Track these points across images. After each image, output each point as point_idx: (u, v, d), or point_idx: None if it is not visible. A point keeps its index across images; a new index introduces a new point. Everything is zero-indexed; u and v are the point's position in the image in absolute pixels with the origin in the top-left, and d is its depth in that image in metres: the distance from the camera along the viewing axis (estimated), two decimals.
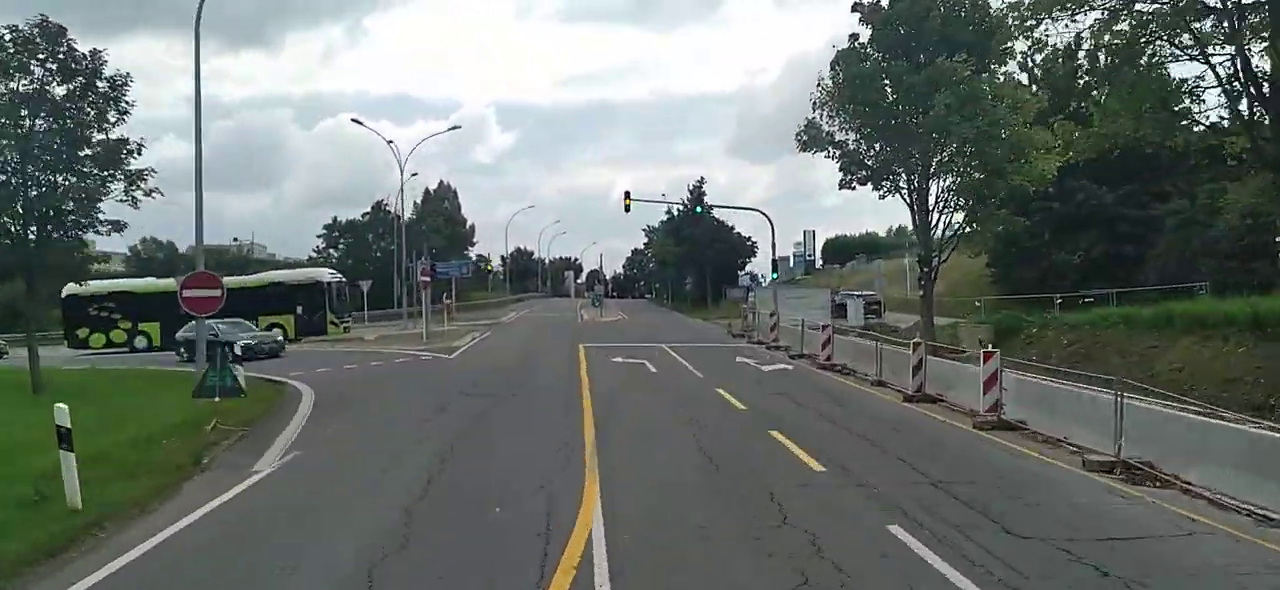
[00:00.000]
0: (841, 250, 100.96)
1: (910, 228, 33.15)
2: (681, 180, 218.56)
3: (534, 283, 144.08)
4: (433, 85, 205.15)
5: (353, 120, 55.81)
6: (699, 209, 44.95)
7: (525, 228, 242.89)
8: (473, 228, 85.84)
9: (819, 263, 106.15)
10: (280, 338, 33.63)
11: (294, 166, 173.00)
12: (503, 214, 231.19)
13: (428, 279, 38.25)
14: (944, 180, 29.68)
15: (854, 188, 30.93)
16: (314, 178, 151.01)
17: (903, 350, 23.11)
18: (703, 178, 70.16)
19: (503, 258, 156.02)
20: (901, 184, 29.79)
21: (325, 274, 46.01)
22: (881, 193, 30.68)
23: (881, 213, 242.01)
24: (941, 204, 29.63)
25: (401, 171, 54.22)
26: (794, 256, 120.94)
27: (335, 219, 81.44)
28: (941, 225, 30.40)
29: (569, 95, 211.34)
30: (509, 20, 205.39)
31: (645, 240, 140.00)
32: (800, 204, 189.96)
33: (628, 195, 42.60)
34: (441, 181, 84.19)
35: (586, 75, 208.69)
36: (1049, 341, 28.13)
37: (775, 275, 43.01)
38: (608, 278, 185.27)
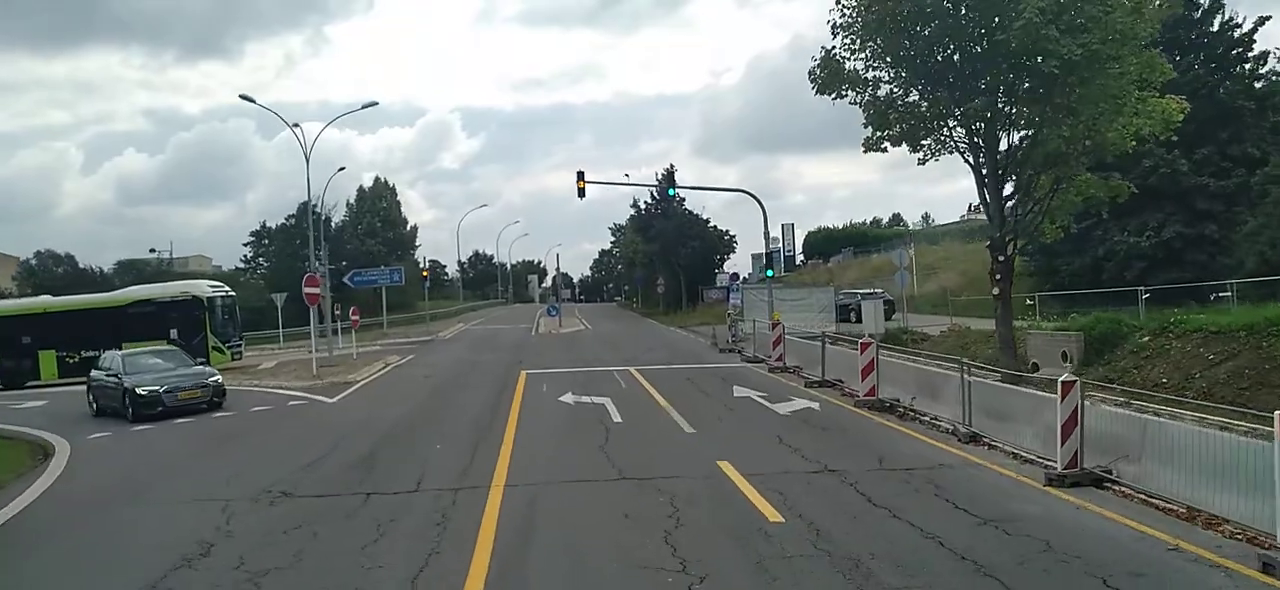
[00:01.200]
0: (825, 244, 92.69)
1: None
2: (648, 181, 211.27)
3: (495, 288, 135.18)
4: (396, 92, 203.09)
5: (242, 97, 46.32)
6: (672, 191, 36.71)
7: (487, 230, 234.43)
8: (415, 230, 77.18)
9: (800, 259, 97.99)
10: (217, 378, 22.99)
11: (256, 177, 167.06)
12: (470, 220, 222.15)
13: (315, 291, 29.14)
14: (1017, 133, 21.22)
15: (884, 148, 22.34)
16: (276, 188, 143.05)
17: (1011, 389, 14.63)
18: (673, 165, 60.42)
19: (460, 263, 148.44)
20: (957, 138, 21.22)
21: (204, 288, 36.86)
22: (923, 154, 22.12)
23: (856, 205, 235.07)
24: (1016, 163, 21.09)
25: (307, 160, 45.01)
26: (768, 255, 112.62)
27: (263, 225, 72.14)
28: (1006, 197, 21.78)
29: (532, 99, 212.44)
30: (470, 25, 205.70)
31: (612, 240, 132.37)
32: (767, 202, 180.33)
33: (581, 177, 33.82)
34: (378, 178, 75.21)
35: (548, 78, 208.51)
36: (1177, 356, 19.73)
37: (770, 273, 34.50)
38: (574, 282, 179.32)
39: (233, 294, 38.54)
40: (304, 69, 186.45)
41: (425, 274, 54.27)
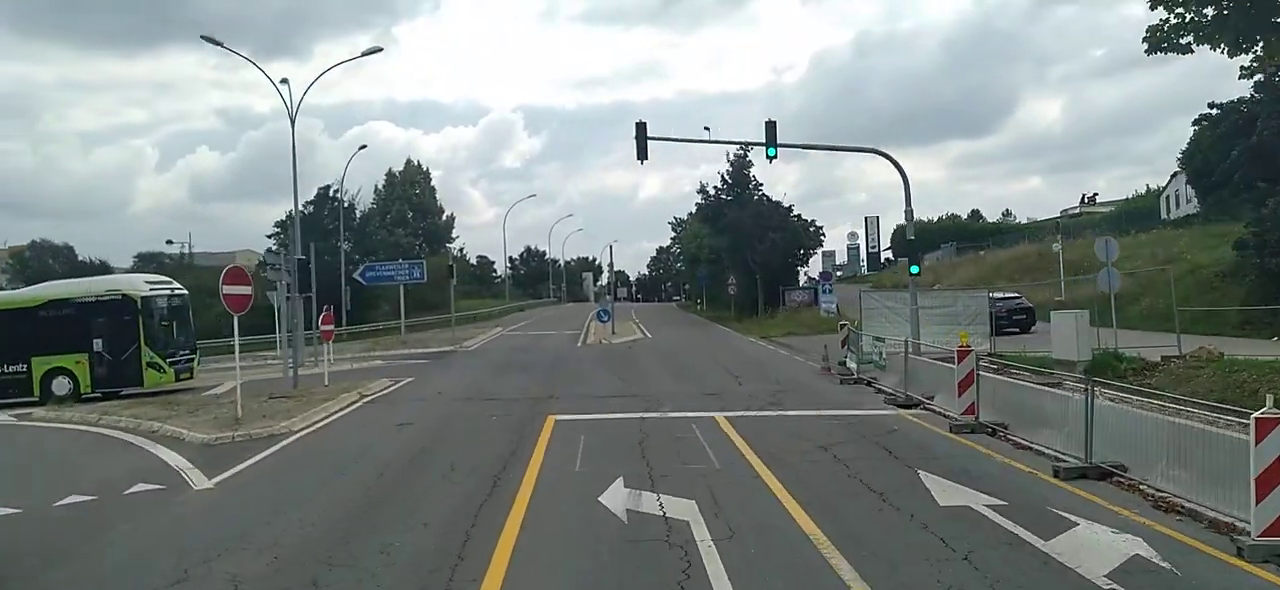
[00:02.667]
0: (918, 239, 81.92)
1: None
2: (710, 179, 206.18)
3: (547, 286, 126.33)
4: (459, 91, 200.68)
5: (204, 39, 37.26)
6: (773, 150, 25.99)
7: (542, 227, 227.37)
8: (451, 220, 67.94)
9: (886, 256, 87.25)
10: None
11: (323, 175, 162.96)
12: (527, 218, 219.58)
13: (240, 291, 19.27)
14: None
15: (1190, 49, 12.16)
16: (344, 185, 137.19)
17: None
18: (747, 147, 50.05)
19: (511, 260, 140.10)
20: None
21: (140, 284, 27.84)
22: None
23: (920, 204, 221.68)
24: None
25: (292, 121, 36.06)
26: (848, 251, 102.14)
27: (290, 214, 63.32)
28: None
29: (593, 97, 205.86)
30: (533, 24, 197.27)
31: (672, 236, 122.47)
32: (829, 201, 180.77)
33: (642, 131, 24.15)
34: (410, 161, 66.22)
35: (610, 76, 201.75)
36: None
37: (916, 270, 24.11)
38: (631, 280, 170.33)
39: (184, 292, 29.45)
40: (372, 69, 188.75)
41: (451, 267, 44.15)
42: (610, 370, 27.73)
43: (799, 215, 55.69)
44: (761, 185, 56.21)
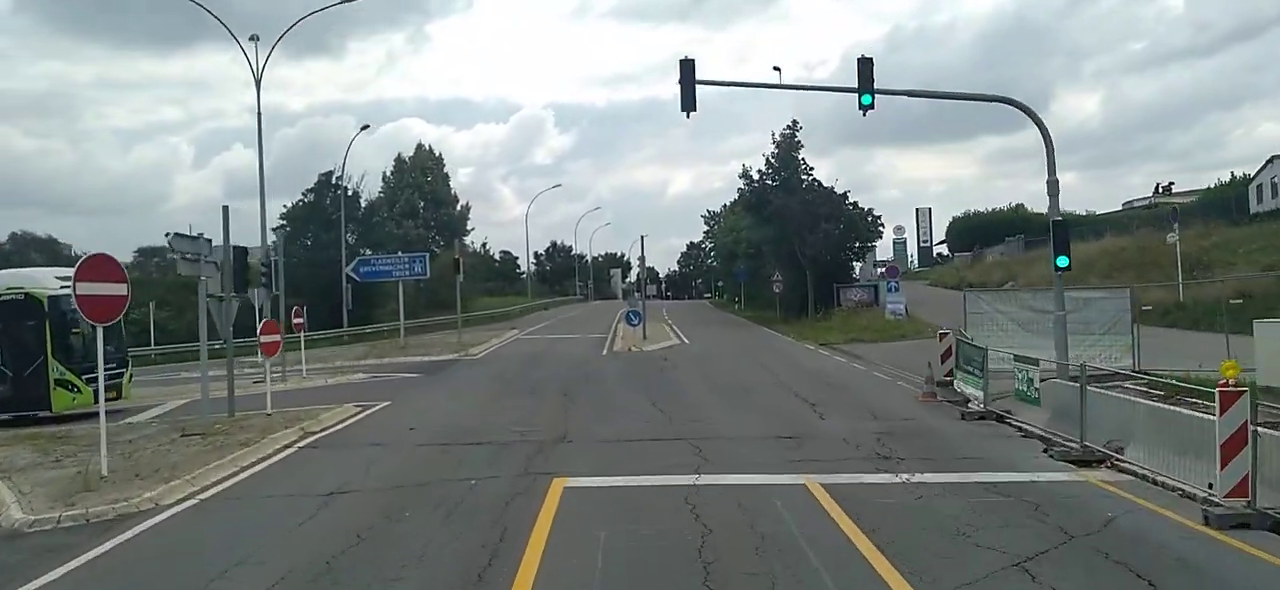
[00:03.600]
0: (974, 233, 75.21)
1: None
2: (736, 176, 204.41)
3: (573, 283, 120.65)
4: (491, 89, 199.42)
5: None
6: (867, 97, 19.75)
7: (569, 222, 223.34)
8: (467, 210, 61.95)
9: (938, 250, 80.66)
10: None
11: (356, 172, 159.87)
12: (558, 216, 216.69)
13: (103, 290, 13.51)
14: None
15: None
16: (376, 183, 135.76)
17: None
18: (796, 121, 43.78)
19: (537, 255, 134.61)
20: None
21: (47, 282, 22.01)
22: None
23: (952, 201, 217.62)
24: None
25: (257, 83, 30.48)
26: (894, 246, 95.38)
27: (301, 198, 57.70)
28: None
29: (623, 94, 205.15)
30: (565, 21, 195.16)
31: (705, 229, 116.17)
32: (860, 196, 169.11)
33: (688, 70, 18.14)
34: (421, 145, 60.39)
35: (640, 73, 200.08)
36: None
37: (1064, 262, 17.59)
38: (661, 277, 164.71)
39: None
40: (404, 66, 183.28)
41: (458, 261, 38.12)
42: (643, 391, 21.66)
43: (855, 203, 49.36)
44: (812, 169, 50.00)
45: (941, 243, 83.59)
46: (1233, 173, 64.54)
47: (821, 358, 30.38)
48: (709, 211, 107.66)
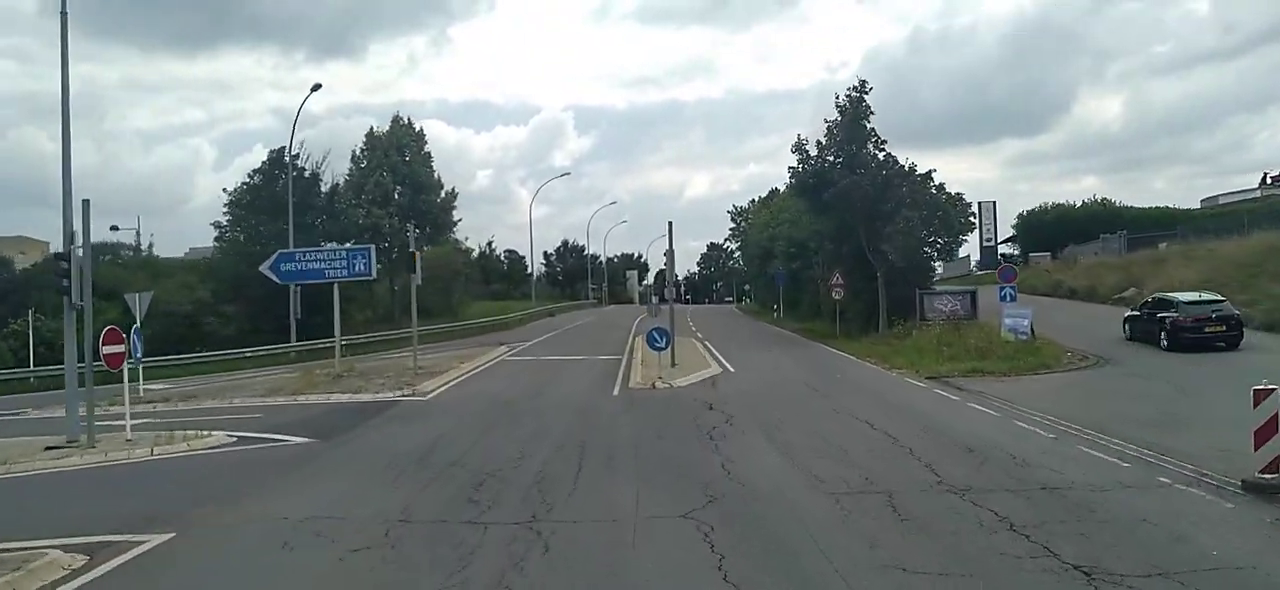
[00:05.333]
0: (1052, 231, 64.15)
1: None
2: (754, 178, 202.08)
3: (586, 286, 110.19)
4: (511, 91, 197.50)
5: None
6: None
7: (581, 221, 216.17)
8: (452, 195, 51.01)
9: (1004, 250, 69.48)
10: None
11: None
12: (575, 218, 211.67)
13: None
14: None
15: None
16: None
17: None
18: (865, 81, 32.42)
19: (546, 255, 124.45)
20: None
21: None
22: None
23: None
24: None
25: (63, 59, 20.02)
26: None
27: (246, 180, 47.12)
28: None
29: (644, 96, 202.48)
30: (585, 23, 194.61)
31: (730, 227, 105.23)
32: None
33: None
34: (398, 118, 49.52)
35: (661, 75, 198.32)
36: None
37: None
38: (680, 280, 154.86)
39: None
40: (425, 68, 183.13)
41: (414, 254, 27.29)
42: (694, 509, 10.83)
43: (941, 185, 38.39)
44: (884, 142, 39.10)
45: (1006, 241, 72.51)
46: None
47: (949, 404, 19.58)
48: (736, 208, 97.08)
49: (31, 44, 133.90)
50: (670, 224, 26.46)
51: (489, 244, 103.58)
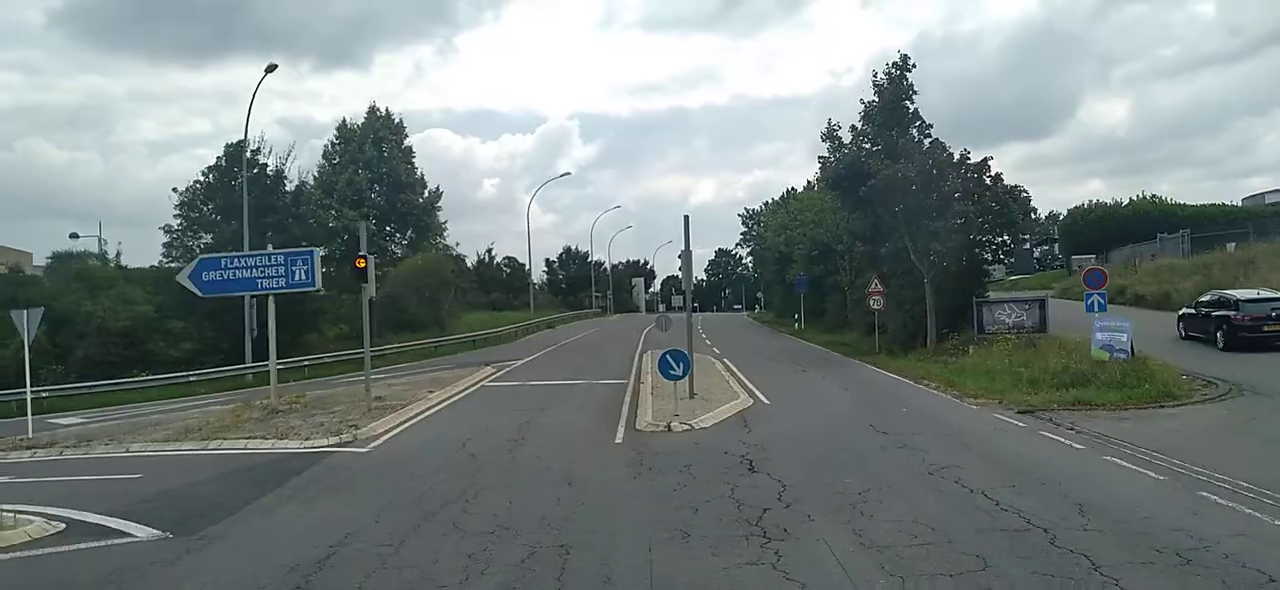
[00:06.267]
0: (1090, 231, 58.77)
1: None
2: (760, 184, 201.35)
3: (589, 295, 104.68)
4: (517, 100, 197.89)
5: None
6: None
7: (597, 236, 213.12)
8: (435, 194, 45.17)
9: (1046, 255, 63.96)
10: None
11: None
12: (581, 226, 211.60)
13: None
14: None
15: None
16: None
17: None
18: (907, 57, 26.81)
19: (549, 261, 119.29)
20: None
21: None
22: None
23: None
24: None
25: None
26: None
27: (199, 179, 41.46)
28: None
29: (649, 104, 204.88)
30: (591, 31, 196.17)
31: (742, 232, 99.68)
32: None
33: None
34: (375, 108, 43.83)
35: (666, 83, 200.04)
36: None
37: None
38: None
39: None
40: (431, 78, 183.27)
41: (361, 265, 21.55)
42: None
43: (998, 175, 32.72)
44: (930, 126, 33.65)
45: (1045, 242, 67.12)
46: None
47: (1075, 457, 14.08)
48: (747, 210, 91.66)
49: (38, 56, 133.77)
50: (686, 219, 21.00)
51: (488, 251, 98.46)
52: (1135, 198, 62.86)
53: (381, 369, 36.21)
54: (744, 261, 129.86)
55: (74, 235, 52.86)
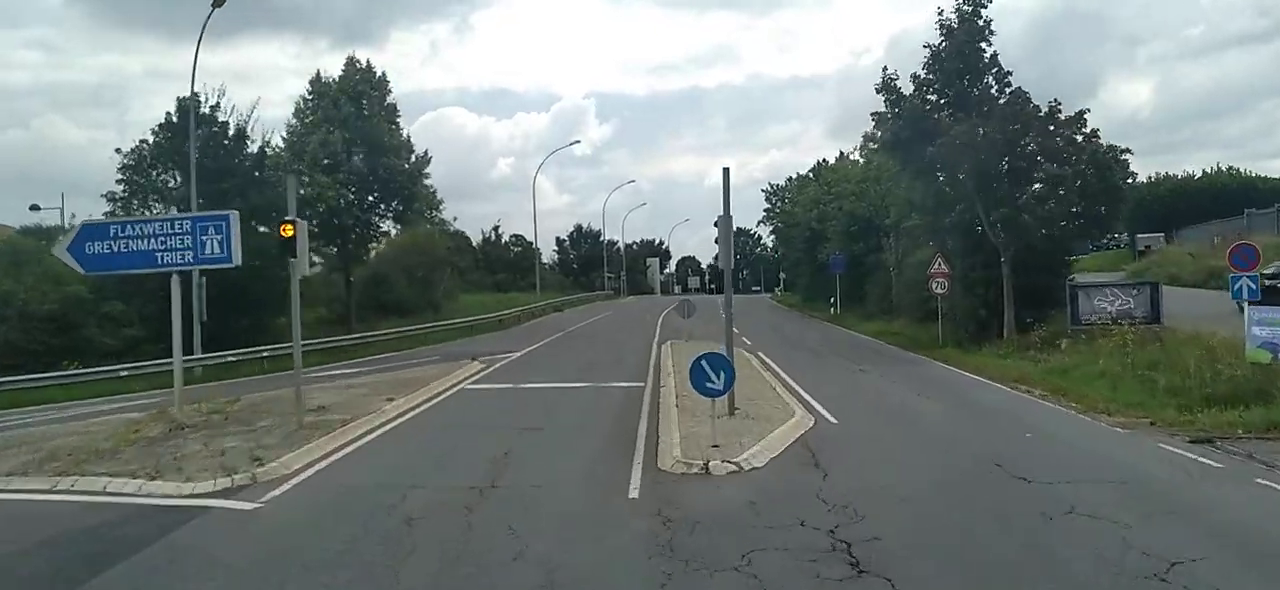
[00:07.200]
0: (1157, 205, 53.03)
1: None
2: (777, 164, 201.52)
3: (602, 276, 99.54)
4: (532, 79, 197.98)
5: None
6: None
7: (611, 214, 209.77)
8: (423, 160, 39.60)
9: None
10: None
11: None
12: (596, 206, 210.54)
13: None
14: None
15: None
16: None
17: None
18: None
19: (560, 240, 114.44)
20: None
21: None
22: None
23: None
24: None
25: None
26: None
27: (148, 140, 35.84)
28: None
29: (665, 83, 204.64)
30: (607, 9, 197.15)
31: (765, 208, 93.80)
32: None
33: None
34: (353, 61, 38.13)
35: (682, 62, 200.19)
36: None
37: None
38: (703, 267, 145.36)
39: None
40: (447, 56, 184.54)
41: (288, 232, 16.05)
42: None
43: (1094, 131, 26.88)
44: (1009, 74, 27.96)
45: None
46: None
47: None
48: (771, 185, 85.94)
49: (55, 35, 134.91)
50: (726, 171, 15.41)
51: (495, 229, 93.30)
52: (1208, 170, 56.82)
53: (353, 363, 30.99)
54: (764, 241, 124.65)
55: (35, 207, 47.03)
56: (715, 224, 16.62)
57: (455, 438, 15.06)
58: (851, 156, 55.58)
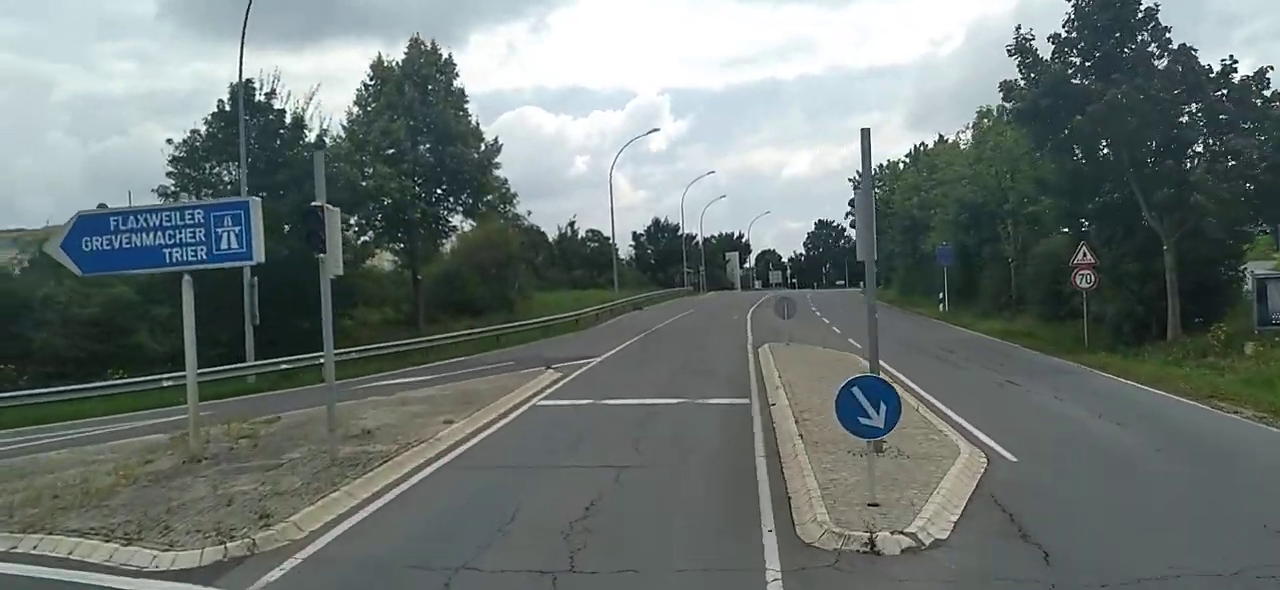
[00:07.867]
0: None
1: None
2: (855, 157, 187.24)
3: (680, 271, 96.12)
4: (608, 76, 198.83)
5: None
6: None
7: (675, 209, 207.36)
8: (493, 148, 36.64)
9: None
10: None
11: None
12: (673, 201, 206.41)
13: None
14: None
15: None
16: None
17: None
18: None
19: (636, 236, 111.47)
20: None
21: None
22: None
23: None
24: None
25: None
26: None
27: (197, 131, 33.59)
28: None
29: (741, 76, 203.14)
30: (682, 4, 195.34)
31: (850, 201, 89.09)
32: None
33: None
34: (417, 41, 35.25)
35: (758, 55, 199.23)
36: None
37: None
38: (783, 261, 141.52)
39: None
40: (523, 56, 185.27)
41: (320, 209, 12.89)
42: None
43: (1276, 94, 22.58)
44: (1169, 31, 23.68)
45: None
46: None
47: None
48: (858, 175, 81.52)
49: (150, 46, 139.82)
50: (865, 133, 11.79)
51: (570, 224, 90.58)
52: None
53: (420, 369, 28.22)
54: (848, 232, 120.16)
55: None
56: (854, 182, 13.02)
57: (523, 482, 11.85)
58: (954, 139, 51.22)
